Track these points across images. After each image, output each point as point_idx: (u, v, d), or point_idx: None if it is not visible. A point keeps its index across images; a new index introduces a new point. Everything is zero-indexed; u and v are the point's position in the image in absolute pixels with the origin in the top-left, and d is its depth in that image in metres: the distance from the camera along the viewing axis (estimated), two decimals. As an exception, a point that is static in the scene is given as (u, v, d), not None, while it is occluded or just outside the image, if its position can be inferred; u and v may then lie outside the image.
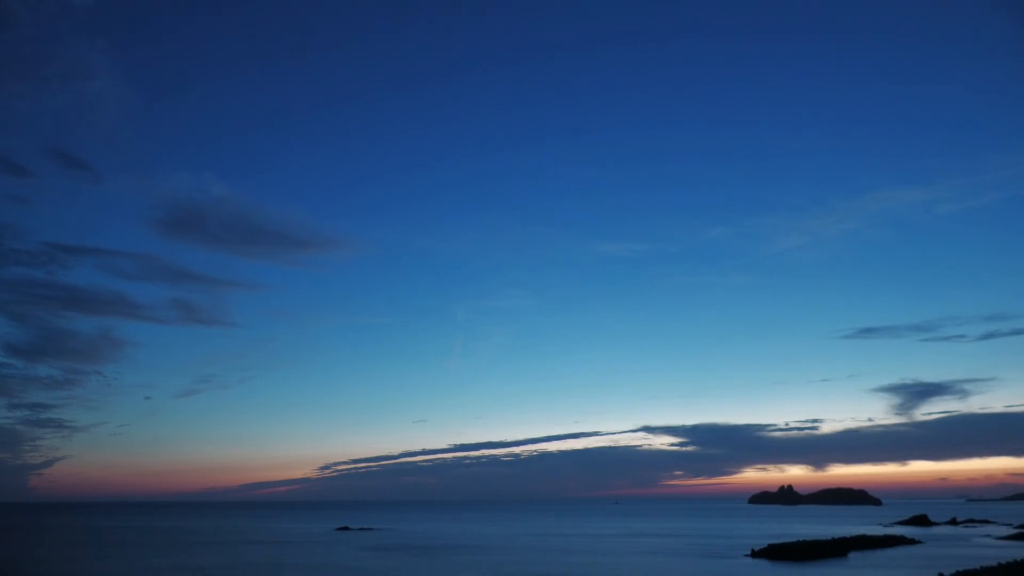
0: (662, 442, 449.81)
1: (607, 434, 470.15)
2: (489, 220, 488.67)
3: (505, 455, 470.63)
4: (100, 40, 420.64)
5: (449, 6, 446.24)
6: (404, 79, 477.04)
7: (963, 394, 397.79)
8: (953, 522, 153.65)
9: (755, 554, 77.58)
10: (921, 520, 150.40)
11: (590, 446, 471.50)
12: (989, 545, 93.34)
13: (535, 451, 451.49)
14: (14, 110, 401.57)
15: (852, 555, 79.27)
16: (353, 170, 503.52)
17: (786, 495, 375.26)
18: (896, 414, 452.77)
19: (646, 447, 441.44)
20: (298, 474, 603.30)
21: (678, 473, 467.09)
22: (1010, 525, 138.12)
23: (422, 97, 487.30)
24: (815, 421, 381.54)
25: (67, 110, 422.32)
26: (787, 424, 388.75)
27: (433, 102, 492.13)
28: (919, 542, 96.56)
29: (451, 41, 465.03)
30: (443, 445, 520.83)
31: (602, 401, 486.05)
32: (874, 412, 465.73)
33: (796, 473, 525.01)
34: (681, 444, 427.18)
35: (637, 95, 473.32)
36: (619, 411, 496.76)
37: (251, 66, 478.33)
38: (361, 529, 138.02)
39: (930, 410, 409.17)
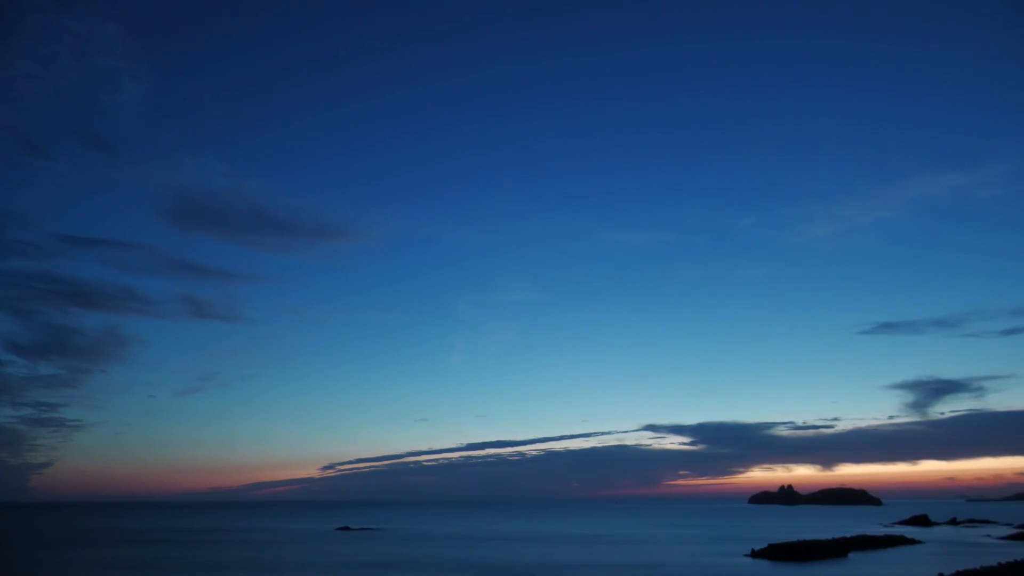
0: (670, 441, 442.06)
1: (614, 433, 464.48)
2: (496, 207, 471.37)
3: (511, 454, 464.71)
4: (114, 11, 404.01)
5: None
6: (410, 68, 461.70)
7: (980, 392, 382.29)
8: (953, 522, 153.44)
9: (755, 554, 77.54)
10: (921, 520, 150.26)
11: (597, 445, 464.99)
12: (989, 545, 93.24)
13: (541, 450, 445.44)
14: (23, 88, 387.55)
15: (852, 555, 79.20)
16: (362, 161, 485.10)
17: (786, 495, 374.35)
18: (911, 412, 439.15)
19: (655, 446, 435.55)
20: (300, 474, 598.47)
21: (684, 473, 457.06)
22: (1010, 525, 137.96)
23: (428, 84, 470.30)
24: (834, 419, 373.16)
25: (78, 89, 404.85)
26: (804, 423, 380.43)
27: (440, 87, 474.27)
28: (919, 542, 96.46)
29: (461, 27, 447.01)
30: (447, 444, 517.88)
31: (610, 399, 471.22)
32: (893, 410, 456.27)
33: (803, 473, 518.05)
34: (691, 443, 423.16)
35: (660, 79, 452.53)
36: (626, 409, 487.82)
37: (263, 58, 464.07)
38: (361, 529, 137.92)
39: (945, 408, 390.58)
